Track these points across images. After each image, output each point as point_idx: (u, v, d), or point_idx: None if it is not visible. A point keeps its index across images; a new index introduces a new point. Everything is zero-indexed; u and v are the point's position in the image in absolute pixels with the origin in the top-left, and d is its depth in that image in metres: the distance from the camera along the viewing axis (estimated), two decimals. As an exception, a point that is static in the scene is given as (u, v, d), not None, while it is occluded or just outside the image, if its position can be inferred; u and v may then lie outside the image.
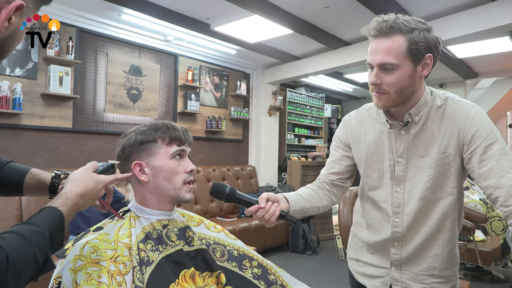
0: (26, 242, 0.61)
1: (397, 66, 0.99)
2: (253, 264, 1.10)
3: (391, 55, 0.98)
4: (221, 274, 1.01)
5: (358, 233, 1.28)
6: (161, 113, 4.22)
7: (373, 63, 1.02)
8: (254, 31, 3.82)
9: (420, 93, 1.07)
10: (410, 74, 1.00)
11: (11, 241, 0.59)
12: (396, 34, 0.98)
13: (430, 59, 1.01)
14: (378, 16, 1.01)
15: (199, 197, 4.29)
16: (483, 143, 0.99)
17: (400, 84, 1.01)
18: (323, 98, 6.65)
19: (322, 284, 3.39)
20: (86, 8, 3.34)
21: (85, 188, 0.79)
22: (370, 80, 1.03)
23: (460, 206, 1.13)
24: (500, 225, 3.37)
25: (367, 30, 1.03)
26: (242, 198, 1.02)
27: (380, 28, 0.99)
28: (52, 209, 0.70)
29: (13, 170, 0.95)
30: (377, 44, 1.01)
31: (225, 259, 1.07)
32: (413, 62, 1.00)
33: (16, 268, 0.57)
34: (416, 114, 1.07)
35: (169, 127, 1.01)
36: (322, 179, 1.26)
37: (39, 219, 0.67)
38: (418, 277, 1.13)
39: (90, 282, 0.82)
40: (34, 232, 0.63)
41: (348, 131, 1.24)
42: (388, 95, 1.03)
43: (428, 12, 3.47)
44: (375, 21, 1.01)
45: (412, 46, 0.98)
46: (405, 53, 0.98)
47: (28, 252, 0.60)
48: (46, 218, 0.68)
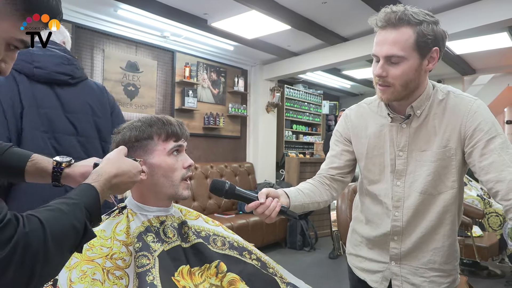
0: (61, 213, 0.61)
1: (404, 59, 0.97)
2: (252, 257, 1.10)
3: (398, 47, 0.96)
4: (220, 263, 0.99)
5: (357, 228, 1.28)
6: (158, 109, 4.20)
7: (379, 54, 1.00)
8: (252, 27, 3.80)
9: (423, 87, 1.06)
10: (416, 67, 0.99)
11: (46, 213, 0.60)
12: (405, 26, 0.96)
13: (437, 52, 1.00)
14: (386, 7, 1.00)
15: (197, 194, 4.28)
16: (484, 137, 0.99)
17: (406, 77, 0.99)
18: (321, 95, 6.64)
19: (320, 280, 3.40)
20: (82, 3, 3.31)
21: (118, 167, 0.78)
22: (376, 72, 1.01)
23: (460, 200, 1.13)
24: (497, 221, 3.39)
25: (375, 21, 1.01)
26: (242, 194, 1.02)
27: (388, 19, 0.97)
28: (85, 185, 0.71)
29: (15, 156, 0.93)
30: (384, 35, 0.99)
31: (226, 248, 1.07)
32: (420, 55, 0.98)
33: (55, 236, 0.58)
34: (418, 107, 1.07)
35: (164, 122, 0.99)
36: (323, 174, 1.25)
37: (73, 193, 0.68)
38: (418, 271, 1.13)
39: (85, 279, 0.81)
40: (69, 204, 0.64)
41: (348, 125, 1.23)
42: (393, 87, 1.01)
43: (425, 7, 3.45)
44: (383, 12, 0.99)
45: (420, 38, 0.96)
46: (412, 46, 0.97)
47: (65, 221, 0.61)
48: (80, 192, 0.68)
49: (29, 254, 0.54)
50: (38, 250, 0.55)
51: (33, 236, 0.55)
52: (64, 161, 0.90)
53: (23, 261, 0.53)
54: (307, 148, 6.29)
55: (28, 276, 0.54)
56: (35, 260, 0.54)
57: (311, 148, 6.27)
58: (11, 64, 0.67)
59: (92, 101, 1.45)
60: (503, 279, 3.37)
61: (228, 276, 0.98)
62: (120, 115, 1.57)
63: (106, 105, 1.50)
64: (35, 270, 0.54)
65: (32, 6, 0.62)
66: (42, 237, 0.56)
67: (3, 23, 0.61)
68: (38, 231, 0.56)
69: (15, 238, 0.52)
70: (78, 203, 0.65)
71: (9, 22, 0.61)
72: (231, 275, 0.98)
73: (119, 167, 0.78)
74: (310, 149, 6.28)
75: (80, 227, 0.63)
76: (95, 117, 1.44)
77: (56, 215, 0.61)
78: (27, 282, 0.54)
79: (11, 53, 0.66)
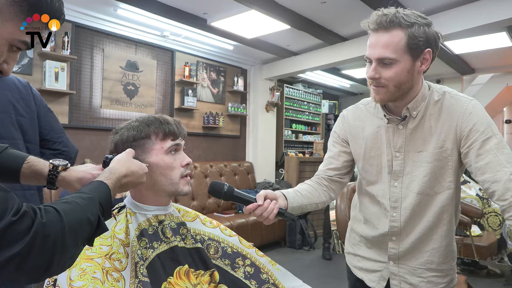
0: (77, 206, 0.64)
1: (396, 61, 0.99)
2: (246, 263, 1.09)
3: (390, 49, 0.98)
4: (214, 272, 1.01)
5: (355, 227, 1.29)
6: (158, 109, 4.20)
7: (372, 57, 1.01)
8: (251, 26, 3.80)
9: (418, 88, 1.07)
10: (409, 69, 1.00)
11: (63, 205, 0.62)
12: (396, 29, 0.98)
13: (429, 54, 1.01)
14: (378, 10, 1.01)
15: (196, 193, 4.28)
16: (480, 137, 1.00)
17: (399, 78, 1.00)
18: (320, 94, 6.65)
19: (319, 280, 3.40)
20: (81, 3, 3.30)
21: (127, 168, 0.81)
22: (369, 74, 1.03)
23: (457, 200, 1.14)
24: (497, 221, 3.39)
25: (367, 24, 1.02)
26: (240, 196, 1.02)
27: (379, 22, 0.99)
28: (98, 182, 0.74)
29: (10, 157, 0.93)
30: (376, 38, 1.00)
31: (218, 256, 1.07)
32: (412, 57, 0.99)
33: (72, 227, 0.60)
34: (414, 108, 1.07)
35: (162, 122, 1.00)
36: (320, 175, 1.25)
37: (87, 189, 0.70)
38: (416, 271, 1.14)
39: (84, 277, 0.82)
40: (84, 198, 0.66)
41: (346, 127, 1.24)
42: (386, 88, 1.02)
43: (425, 7, 3.46)
44: (375, 15, 1.00)
45: (411, 41, 0.97)
46: (404, 48, 0.98)
47: (81, 213, 0.63)
48: (94, 188, 0.71)
49: (48, 243, 0.56)
50: (56, 239, 0.57)
51: (51, 226, 0.57)
52: (61, 165, 0.91)
53: (42, 250, 0.55)
54: (306, 147, 6.29)
55: (47, 265, 0.56)
56: (53, 250, 0.56)
57: (311, 148, 6.28)
58: (13, 65, 0.68)
59: (14, 98, 1.32)
60: (502, 278, 3.38)
61: (220, 287, 1.00)
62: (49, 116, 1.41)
63: (31, 102, 1.37)
64: (54, 259, 0.57)
65: (36, 8, 0.63)
66: (60, 227, 0.58)
67: (7, 25, 0.62)
68: (56, 222, 0.58)
69: (33, 229, 0.54)
70: (93, 198, 0.68)
71: (13, 23, 0.62)
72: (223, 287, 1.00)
73: (128, 168, 0.82)
74: (310, 148, 6.28)
75: (94, 220, 0.65)
76: (18, 117, 1.31)
77: (73, 207, 0.63)
78: (45, 270, 0.57)
79: (14, 54, 0.67)
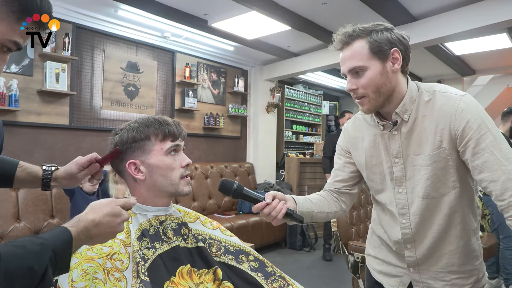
0: (23, 251, 0.58)
1: (365, 67, 1.03)
2: (250, 258, 1.10)
3: (356, 59, 1.03)
4: (217, 270, 1.00)
5: (376, 230, 1.27)
6: (158, 110, 4.21)
7: (345, 71, 1.08)
8: (252, 27, 3.80)
9: (402, 90, 1.07)
10: (381, 71, 1.03)
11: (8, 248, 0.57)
12: (356, 40, 1.04)
13: (398, 52, 1.03)
14: (338, 30, 1.07)
15: (197, 194, 4.28)
16: (474, 135, 0.98)
17: (374, 83, 1.03)
18: (321, 95, 6.65)
19: (320, 281, 3.40)
20: (82, 4, 3.31)
21: (100, 216, 0.73)
22: (347, 87, 1.08)
23: (470, 198, 1.10)
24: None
25: (333, 46, 1.09)
26: (249, 194, 1.04)
27: (341, 40, 1.06)
28: (61, 227, 0.68)
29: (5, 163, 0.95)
30: (343, 54, 1.07)
31: (221, 253, 1.07)
32: (380, 60, 1.03)
33: (9, 275, 0.55)
34: (404, 112, 1.07)
35: (161, 123, 1.00)
36: (329, 187, 1.26)
37: (46, 234, 0.65)
38: (438, 275, 1.12)
39: (86, 277, 0.82)
40: (35, 243, 0.60)
41: (347, 139, 1.26)
42: (367, 97, 1.05)
43: (425, 9, 3.47)
44: (337, 36, 1.07)
45: (373, 45, 1.02)
46: (368, 54, 1.02)
47: (22, 260, 0.58)
48: (53, 234, 0.65)
49: None
50: None
51: None
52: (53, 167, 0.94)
53: None
54: (307, 148, 6.29)
55: None
56: None
57: (311, 149, 6.28)
58: (3, 66, 0.67)
59: None
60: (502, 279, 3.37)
61: (224, 284, 0.99)
62: None
63: None
64: None
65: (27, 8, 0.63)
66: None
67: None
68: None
69: None
70: (46, 244, 0.62)
71: (3, 24, 0.61)
72: (226, 284, 1.00)
73: (102, 216, 0.73)
74: (310, 149, 6.29)
75: (39, 270, 0.59)
76: None
77: (16, 252, 0.58)
78: None
79: (3, 55, 0.66)
